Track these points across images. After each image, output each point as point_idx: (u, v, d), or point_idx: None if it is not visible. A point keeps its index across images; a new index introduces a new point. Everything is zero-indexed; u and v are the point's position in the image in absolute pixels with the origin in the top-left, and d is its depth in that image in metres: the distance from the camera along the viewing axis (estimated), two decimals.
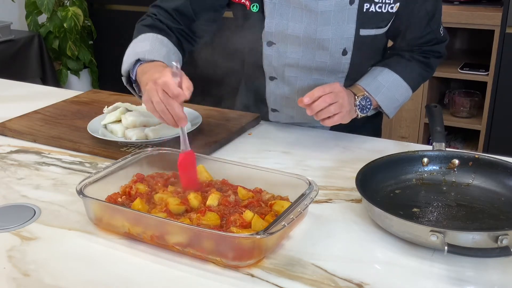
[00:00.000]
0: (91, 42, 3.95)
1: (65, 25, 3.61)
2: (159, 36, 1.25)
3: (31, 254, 0.87)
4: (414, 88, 1.35)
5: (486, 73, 2.62)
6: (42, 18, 3.75)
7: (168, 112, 0.99)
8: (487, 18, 2.54)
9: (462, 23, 2.61)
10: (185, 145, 1.01)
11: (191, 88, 1.01)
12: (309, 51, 1.27)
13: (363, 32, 1.25)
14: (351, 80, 1.31)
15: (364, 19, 1.23)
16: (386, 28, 1.27)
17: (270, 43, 1.29)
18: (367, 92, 1.26)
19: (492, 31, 2.54)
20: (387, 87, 1.29)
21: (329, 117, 1.17)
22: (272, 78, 1.36)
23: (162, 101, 0.99)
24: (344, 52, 1.26)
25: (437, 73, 2.75)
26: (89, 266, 0.84)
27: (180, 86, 0.99)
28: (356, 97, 1.24)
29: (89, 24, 3.87)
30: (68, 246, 0.90)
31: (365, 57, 1.32)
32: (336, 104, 1.16)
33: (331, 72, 1.30)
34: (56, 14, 3.63)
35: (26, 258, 0.86)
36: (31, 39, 3.47)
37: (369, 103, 1.25)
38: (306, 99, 1.14)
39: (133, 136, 1.24)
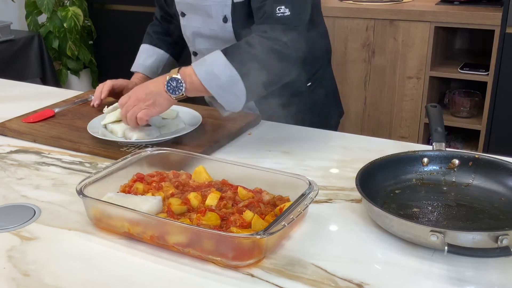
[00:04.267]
0: (91, 42, 3.95)
1: (65, 25, 3.61)
2: (150, 47, 1.60)
3: (31, 254, 0.87)
4: (237, 66, 1.16)
5: (486, 73, 2.62)
6: (42, 18, 3.75)
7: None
8: (487, 18, 2.54)
9: (462, 23, 2.62)
10: None
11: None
12: (202, 19, 1.36)
13: None
14: None
15: None
16: None
17: (183, 14, 1.42)
18: (192, 66, 1.19)
19: (492, 31, 2.54)
20: (208, 62, 1.17)
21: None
22: (194, 54, 1.49)
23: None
24: (225, 19, 1.31)
25: (437, 73, 2.76)
26: (89, 266, 0.84)
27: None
28: (167, 78, 1.19)
29: (89, 24, 3.87)
30: (68, 246, 0.90)
31: (247, 27, 1.30)
32: (130, 100, 1.21)
33: (227, 42, 1.33)
34: (56, 14, 3.63)
35: (26, 258, 0.86)
36: (31, 39, 3.47)
37: (180, 83, 1.17)
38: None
39: (133, 136, 1.24)
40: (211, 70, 1.16)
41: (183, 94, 1.19)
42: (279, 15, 1.20)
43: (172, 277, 0.82)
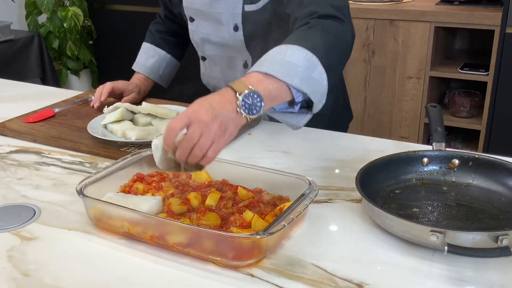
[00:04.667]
0: (91, 42, 3.95)
1: (65, 25, 3.61)
2: (151, 47, 1.59)
3: (31, 254, 0.87)
4: (310, 48, 0.98)
5: (486, 73, 2.62)
6: (42, 18, 3.75)
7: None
8: (487, 18, 2.54)
9: (462, 23, 2.61)
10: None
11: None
12: (212, 26, 1.35)
13: (247, 8, 1.28)
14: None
15: None
16: (262, 4, 1.28)
17: (191, 19, 1.40)
18: (256, 70, 0.94)
19: (492, 31, 2.54)
20: (271, 57, 0.96)
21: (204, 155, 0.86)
22: (203, 58, 1.49)
23: None
24: (236, 28, 1.30)
25: (437, 73, 2.76)
26: (89, 266, 0.84)
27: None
28: (238, 96, 0.88)
29: (89, 24, 3.87)
30: (68, 246, 0.90)
31: (258, 35, 1.32)
32: (193, 127, 0.84)
33: (237, 50, 1.35)
34: (56, 14, 3.63)
35: (26, 258, 0.86)
36: (31, 39, 3.47)
37: (257, 99, 0.89)
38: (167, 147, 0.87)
39: (133, 136, 1.24)
40: (283, 60, 0.94)
41: (260, 113, 0.90)
42: (336, 10, 1.09)
43: (172, 277, 0.82)
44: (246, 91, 0.88)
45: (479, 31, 2.66)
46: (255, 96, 0.88)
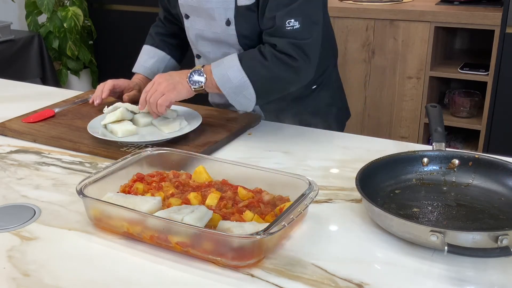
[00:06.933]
0: (91, 42, 3.94)
1: (65, 25, 3.61)
2: (151, 48, 1.60)
3: (31, 254, 0.87)
4: (249, 73, 1.25)
5: (486, 73, 2.62)
6: (42, 18, 3.75)
7: None
8: (487, 18, 2.54)
9: (462, 23, 2.61)
10: None
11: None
12: (206, 21, 1.36)
13: (240, 2, 1.29)
14: None
15: None
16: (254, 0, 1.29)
17: (186, 16, 1.41)
18: (210, 65, 1.28)
19: (492, 31, 2.54)
20: (224, 64, 1.27)
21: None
22: (198, 57, 1.49)
23: None
24: (228, 22, 1.31)
25: (437, 73, 2.76)
26: (89, 266, 0.84)
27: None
28: (190, 71, 1.28)
29: (89, 24, 3.87)
30: (68, 246, 0.90)
31: (251, 30, 1.32)
32: (152, 86, 1.28)
33: (230, 45, 1.36)
34: (56, 14, 3.63)
35: (26, 258, 0.86)
36: (31, 39, 3.47)
37: (201, 78, 1.27)
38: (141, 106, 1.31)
39: (119, 132, 1.26)
40: (226, 73, 1.26)
41: (202, 87, 1.28)
42: (289, 28, 1.23)
43: (172, 277, 0.82)
44: (197, 69, 1.28)
45: (479, 31, 2.66)
46: (202, 75, 1.27)
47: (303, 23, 1.23)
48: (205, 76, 1.26)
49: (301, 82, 1.32)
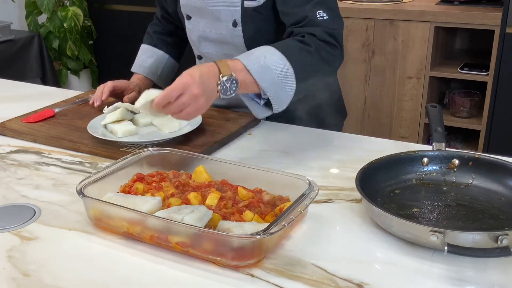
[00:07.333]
0: (91, 42, 3.95)
1: (65, 25, 3.61)
2: (149, 47, 1.59)
3: (31, 254, 0.87)
4: (292, 61, 1.15)
5: (486, 73, 2.62)
6: (42, 18, 3.75)
7: None
8: (487, 18, 2.54)
9: (462, 23, 2.62)
10: None
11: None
12: (210, 22, 1.35)
13: (247, 4, 1.29)
14: None
15: None
16: (262, 1, 1.29)
17: (188, 17, 1.40)
18: (239, 59, 1.11)
19: (492, 31, 2.54)
20: (257, 55, 1.13)
21: (181, 110, 1.05)
22: (199, 57, 1.48)
23: None
24: (235, 24, 1.31)
25: (437, 73, 2.76)
26: (89, 266, 0.84)
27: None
28: (221, 78, 1.07)
29: (89, 24, 3.87)
30: (68, 246, 0.90)
31: (257, 32, 1.33)
32: (184, 97, 1.03)
33: (235, 47, 1.35)
34: (56, 14, 3.63)
35: (26, 258, 0.86)
36: (31, 39, 3.47)
37: (234, 85, 1.07)
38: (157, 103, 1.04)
39: (119, 132, 1.26)
40: (264, 62, 1.11)
41: (232, 95, 1.09)
42: (320, 19, 1.23)
43: (172, 277, 0.82)
44: (227, 77, 1.07)
45: (479, 31, 2.66)
46: (233, 82, 1.07)
47: (329, 14, 1.24)
48: (237, 80, 1.08)
49: (335, 70, 1.29)
